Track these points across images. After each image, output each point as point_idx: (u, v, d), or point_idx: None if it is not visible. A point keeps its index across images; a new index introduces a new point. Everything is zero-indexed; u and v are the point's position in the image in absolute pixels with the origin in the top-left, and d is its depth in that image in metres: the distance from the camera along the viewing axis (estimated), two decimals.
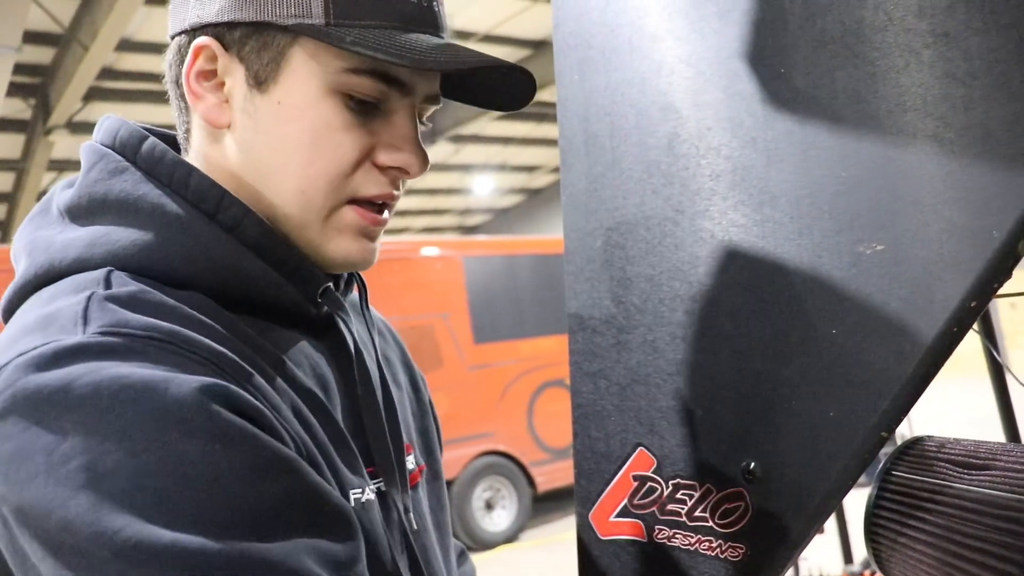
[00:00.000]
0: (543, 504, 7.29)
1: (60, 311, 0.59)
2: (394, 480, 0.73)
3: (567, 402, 0.93)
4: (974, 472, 0.75)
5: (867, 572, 2.78)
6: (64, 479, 0.50)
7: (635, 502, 0.82)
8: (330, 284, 0.72)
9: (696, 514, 0.77)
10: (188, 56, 0.68)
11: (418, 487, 0.81)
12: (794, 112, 0.72)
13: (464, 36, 8.83)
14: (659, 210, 0.81)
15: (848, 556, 2.89)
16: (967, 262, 0.61)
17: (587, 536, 0.86)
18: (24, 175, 9.97)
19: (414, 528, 0.75)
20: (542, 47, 9.37)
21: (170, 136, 0.76)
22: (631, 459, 0.83)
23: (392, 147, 0.70)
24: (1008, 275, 0.61)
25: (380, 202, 0.72)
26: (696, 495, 0.77)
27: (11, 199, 11.40)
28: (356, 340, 0.75)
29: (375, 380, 0.76)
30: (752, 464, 0.73)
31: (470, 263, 7.00)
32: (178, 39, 0.71)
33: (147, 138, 0.70)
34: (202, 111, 0.69)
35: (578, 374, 0.89)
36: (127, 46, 7.78)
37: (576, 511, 0.88)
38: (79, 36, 7.17)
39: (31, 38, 7.25)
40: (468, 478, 6.51)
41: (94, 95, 8.56)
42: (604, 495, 0.85)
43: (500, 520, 6.79)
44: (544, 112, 10.67)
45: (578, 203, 0.89)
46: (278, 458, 0.56)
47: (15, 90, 8.27)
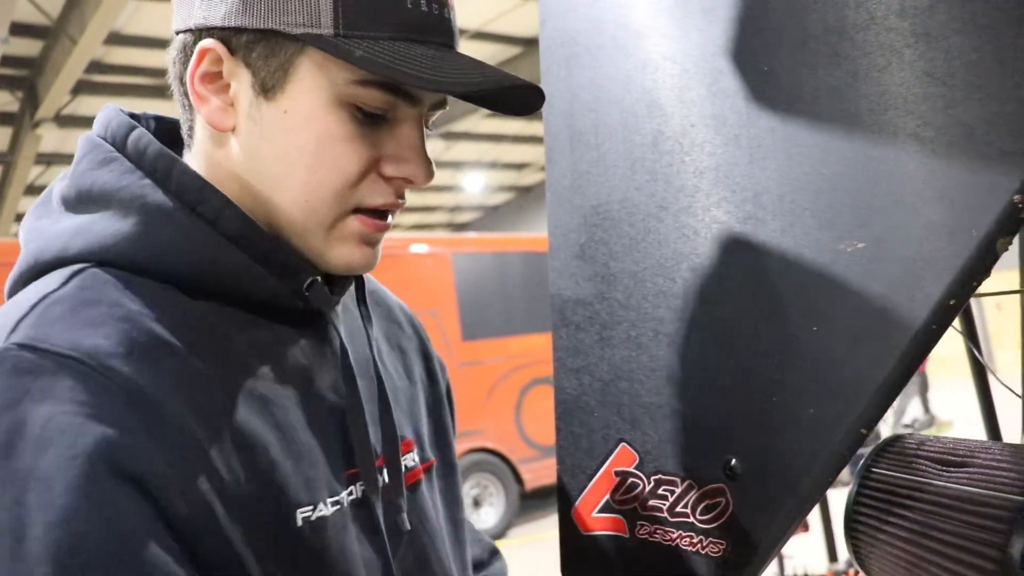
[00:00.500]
0: (531, 501, 7.29)
1: (8, 312, 0.60)
2: (376, 484, 0.71)
3: None
4: (952, 469, 0.75)
5: (851, 571, 2.79)
6: None
7: (617, 497, 0.82)
8: (317, 278, 0.71)
9: (677, 510, 0.77)
10: (193, 58, 0.67)
11: (419, 485, 0.80)
12: (777, 110, 0.72)
13: None
14: (643, 206, 0.82)
15: (833, 554, 2.90)
16: (947, 260, 0.61)
17: (569, 531, 0.87)
18: (11, 168, 9.89)
19: (407, 528, 0.74)
20: (532, 44, 9.36)
21: (175, 128, 0.75)
22: (613, 455, 0.83)
23: (398, 158, 0.69)
24: (987, 273, 0.61)
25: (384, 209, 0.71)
26: (678, 491, 0.77)
27: None
28: (342, 337, 0.73)
29: (370, 372, 0.75)
30: (733, 460, 0.73)
31: (459, 260, 6.99)
32: (183, 36, 0.69)
33: (134, 128, 0.69)
34: (206, 114, 0.68)
35: (562, 370, 0.89)
36: (116, 39, 7.73)
37: (558, 506, 0.88)
38: (67, 29, 7.13)
39: (19, 30, 7.20)
40: None
41: (82, 88, 8.49)
42: (587, 490, 0.85)
43: (488, 517, 6.79)
44: None
45: (562, 199, 0.89)
46: (129, 545, 0.54)
47: (2, 82, 8.24)
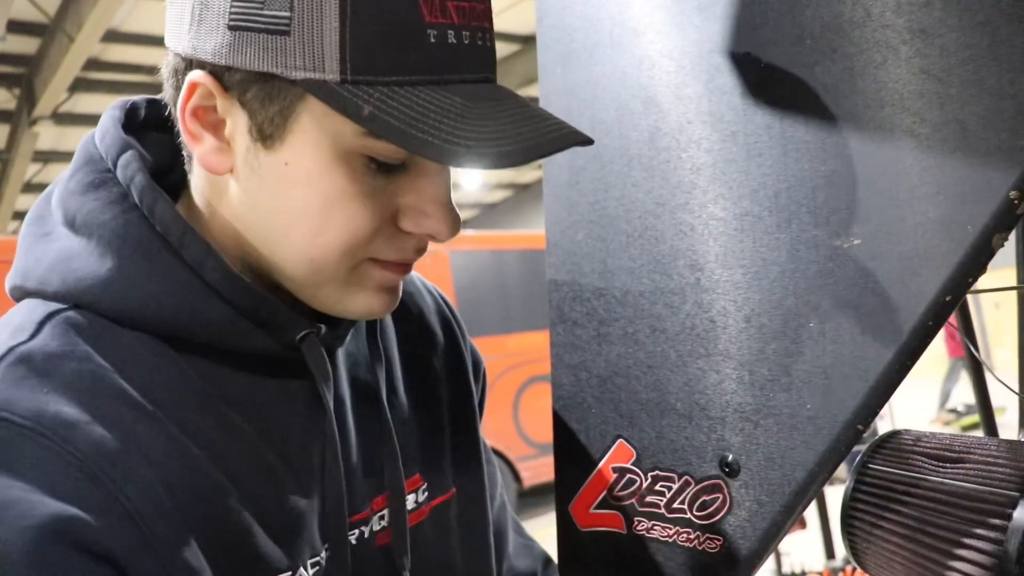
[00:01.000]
0: (529, 499, 7.29)
1: None
2: (345, 546, 0.67)
3: None
4: (949, 465, 0.76)
5: (849, 568, 2.79)
6: None
7: (614, 494, 0.83)
8: (313, 331, 0.64)
9: (675, 506, 0.77)
10: (183, 89, 0.59)
11: (423, 525, 0.77)
12: (774, 107, 0.72)
13: None
14: (640, 203, 0.82)
15: (830, 551, 2.91)
16: (942, 256, 0.61)
17: (567, 528, 0.87)
18: (9, 166, 9.88)
19: (407, 568, 0.72)
20: (530, 42, 9.37)
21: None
22: (611, 451, 0.83)
23: (419, 212, 0.61)
24: (983, 269, 0.61)
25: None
26: (675, 487, 0.77)
27: None
28: (336, 391, 0.68)
29: (375, 411, 0.73)
30: (730, 457, 0.73)
31: (457, 258, 6.99)
32: (174, 60, 0.61)
33: (125, 151, 0.64)
34: (199, 156, 0.60)
35: (559, 366, 0.89)
36: (113, 37, 7.72)
37: (556, 503, 0.88)
38: (64, 26, 7.12)
39: (16, 27, 7.19)
40: None
41: (80, 86, 8.48)
42: (584, 487, 0.86)
43: None
44: None
45: (560, 196, 0.90)
46: None
47: None
